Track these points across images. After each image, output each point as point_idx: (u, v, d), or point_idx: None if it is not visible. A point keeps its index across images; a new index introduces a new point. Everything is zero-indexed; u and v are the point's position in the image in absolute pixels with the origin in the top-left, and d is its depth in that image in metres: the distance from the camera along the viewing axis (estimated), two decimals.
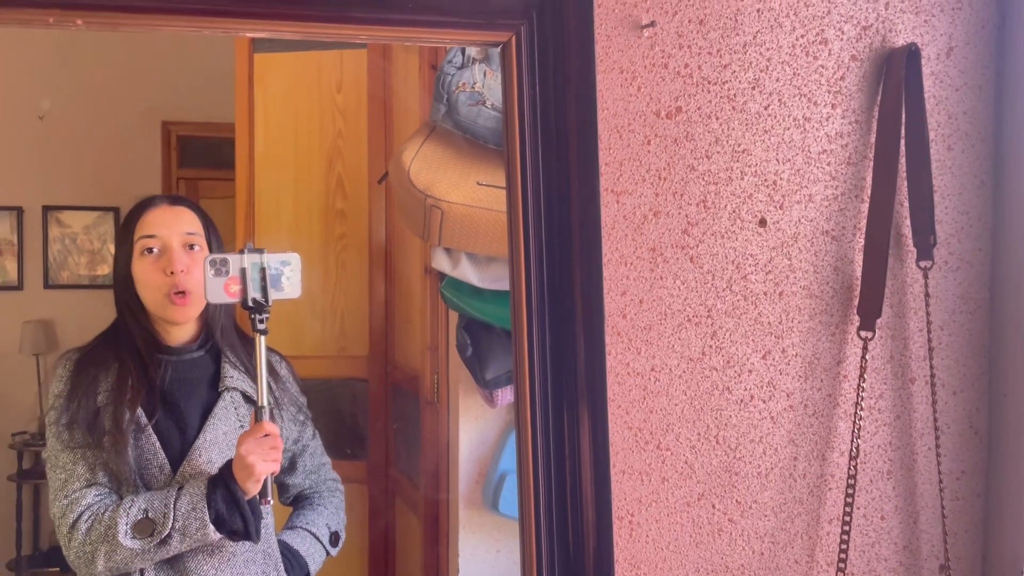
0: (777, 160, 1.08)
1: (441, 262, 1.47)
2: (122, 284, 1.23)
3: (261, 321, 1.10)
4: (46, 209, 3.50)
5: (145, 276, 1.19)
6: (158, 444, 1.15)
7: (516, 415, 0.98)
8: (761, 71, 1.07)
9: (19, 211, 3.49)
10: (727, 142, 1.07)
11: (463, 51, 1.46)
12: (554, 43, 0.94)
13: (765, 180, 1.08)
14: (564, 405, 0.97)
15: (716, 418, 1.08)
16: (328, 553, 1.40)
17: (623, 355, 1.06)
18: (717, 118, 1.06)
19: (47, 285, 3.63)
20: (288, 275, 1.13)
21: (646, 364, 1.06)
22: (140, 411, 1.16)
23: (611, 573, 0.97)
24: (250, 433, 1.10)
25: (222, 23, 0.86)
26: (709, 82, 1.06)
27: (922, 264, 1.12)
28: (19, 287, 3.61)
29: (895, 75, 1.09)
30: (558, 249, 0.96)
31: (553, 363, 0.97)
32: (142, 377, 1.18)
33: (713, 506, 1.09)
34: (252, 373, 1.20)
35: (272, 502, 1.17)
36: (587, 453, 0.97)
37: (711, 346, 1.08)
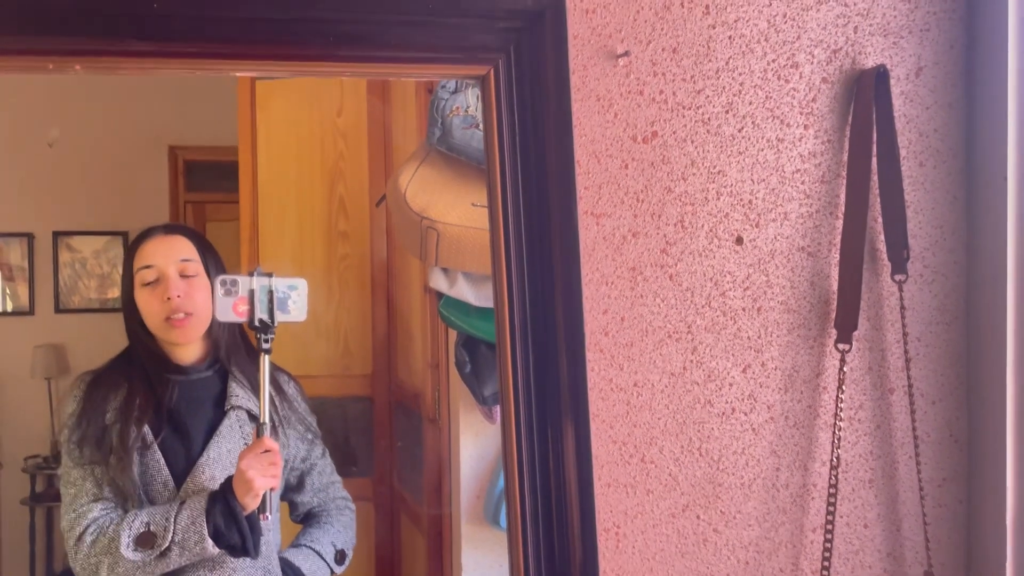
0: (752, 180, 1.12)
1: (438, 282, 1.51)
2: (128, 311, 1.30)
3: (266, 341, 1.16)
4: (56, 235, 3.57)
5: (145, 304, 1.25)
6: (163, 461, 1.20)
7: (502, 433, 1.02)
8: (734, 95, 1.11)
9: (30, 237, 3.55)
10: (703, 164, 1.11)
11: None
12: (531, 74, 0.99)
13: (741, 200, 1.12)
14: (548, 421, 1.00)
15: (699, 431, 1.12)
16: (332, 571, 1.43)
17: (606, 371, 1.09)
18: (692, 141, 1.10)
19: (58, 310, 3.69)
20: (295, 299, 1.18)
21: (629, 380, 1.10)
22: (147, 429, 1.21)
23: None
24: (250, 449, 1.15)
25: (215, 65, 0.90)
26: (684, 107, 1.10)
27: (897, 277, 1.15)
28: (30, 312, 3.66)
29: (865, 95, 1.13)
30: (539, 270, 1.00)
31: (537, 380, 1.00)
32: (150, 396, 1.24)
33: (698, 517, 1.12)
34: (257, 391, 1.25)
35: (271, 519, 1.21)
36: (571, 467, 1.00)
37: (692, 361, 1.11)
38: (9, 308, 3.58)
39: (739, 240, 1.12)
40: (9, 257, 3.51)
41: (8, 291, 3.53)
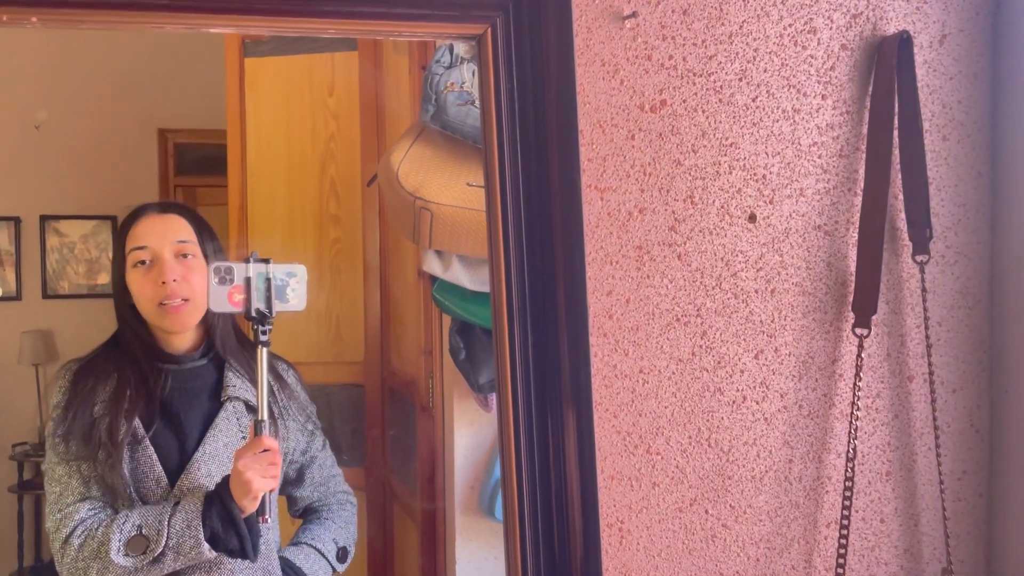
0: (766, 153, 1.05)
1: (432, 265, 1.44)
2: (119, 295, 1.21)
3: (264, 333, 1.08)
4: (43, 219, 3.49)
5: (138, 288, 1.17)
6: (155, 457, 1.13)
7: (499, 420, 0.95)
8: (748, 62, 1.04)
9: (16, 221, 3.47)
10: (714, 136, 1.04)
11: (451, 50, 1.44)
12: (532, 35, 0.91)
13: (754, 174, 1.05)
14: (548, 409, 0.94)
15: (708, 420, 1.05)
16: (334, 569, 1.36)
17: (610, 357, 1.03)
18: (703, 111, 1.03)
19: (45, 295, 3.62)
20: (294, 287, 1.11)
21: (634, 366, 1.03)
22: (138, 422, 1.14)
23: None
24: (248, 448, 1.07)
25: (187, 19, 0.83)
26: (694, 74, 1.03)
27: (918, 258, 1.09)
28: (17, 297, 3.59)
29: (887, 64, 1.06)
30: (539, 248, 0.93)
31: (536, 366, 0.93)
32: (141, 387, 1.16)
33: (706, 511, 1.06)
34: (255, 381, 1.18)
35: (271, 520, 1.13)
36: (573, 459, 0.94)
37: (701, 346, 1.05)
38: None
39: (752, 217, 1.05)
40: None
41: None
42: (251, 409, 1.21)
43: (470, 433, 1.53)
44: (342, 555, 1.39)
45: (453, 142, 1.42)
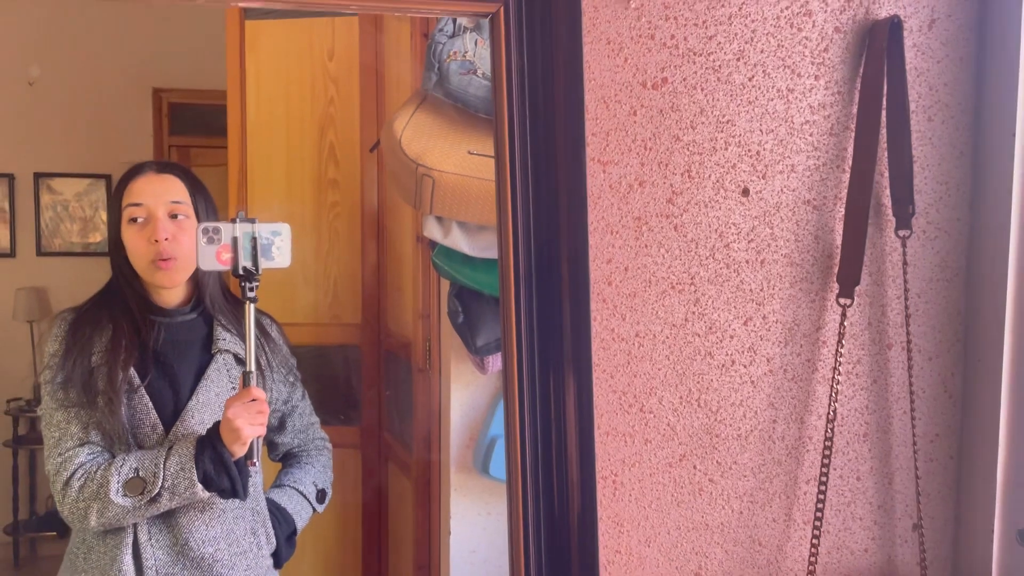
0: (761, 131, 1.10)
1: (432, 230, 1.49)
2: (114, 248, 1.26)
3: (251, 289, 1.13)
4: (37, 176, 3.49)
5: (132, 244, 1.22)
6: (151, 404, 1.18)
7: (504, 380, 1.01)
8: (746, 42, 1.09)
9: (10, 178, 3.47)
10: (712, 113, 1.09)
11: (454, 20, 1.47)
12: (542, 14, 0.96)
13: (748, 150, 1.10)
14: (550, 369, 1.00)
15: (698, 382, 1.12)
16: (315, 510, 1.45)
17: (608, 321, 1.09)
18: (702, 89, 1.08)
19: (40, 252, 3.63)
20: (279, 245, 1.15)
21: (630, 330, 1.09)
22: (133, 372, 1.19)
23: (595, 531, 1.01)
24: (237, 397, 1.13)
25: None
26: (695, 53, 1.08)
27: (900, 233, 1.15)
28: (11, 255, 3.61)
29: (877, 47, 1.11)
30: (545, 217, 0.98)
31: (540, 329, 0.99)
32: (135, 338, 1.21)
33: (694, 467, 1.13)
34: (243, 336, 1.23)
35: (258, 463, 1.20)
36: (572, 416, 1.00)
37: (694, 312, 1.11)
38: None
39: (745, 191, 1.11)
40: None
41: None
42: (239, 361, 1.27)
43: (466, 394, 1.59)
44: (321, 496, 1.47)
45: (455, 110, 1.46)
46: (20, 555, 3.38)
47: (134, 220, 1.21)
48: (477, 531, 1.62)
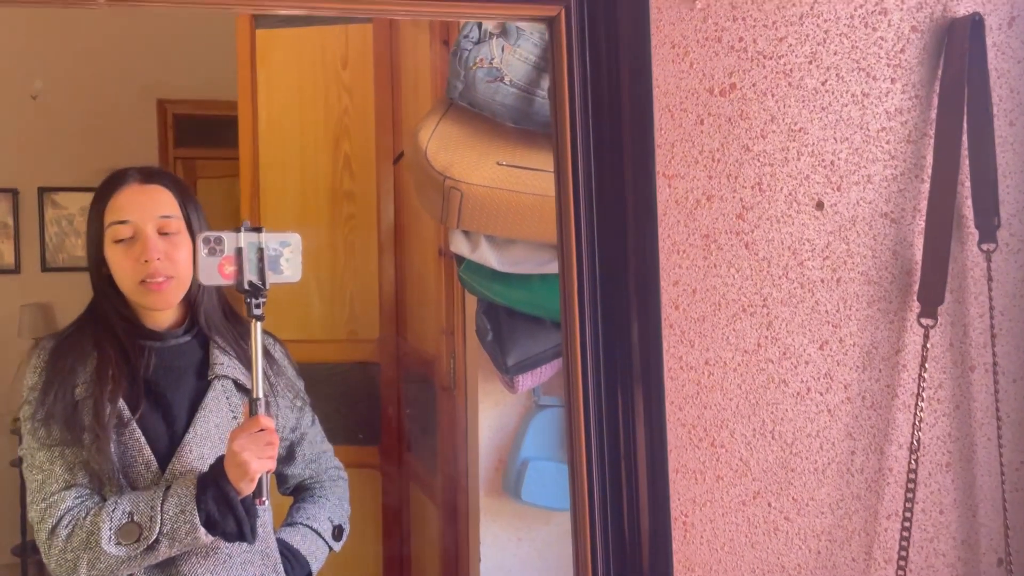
0: (835, 139, 1.02)
1: (460, 245, 1.41)
2: (95, 266, 1.13)
3: (258, 306, 1.02)
4: (41, 191, 3.42)
5: (118, 264, 1.09)
6: (143, 440, 1.06)
7: (568, 411, 0.93)
8: (818, 44, 1.01)
9: (15, 193, 3.39)
10: (783, 120, 1.01)
11: (479, 25, 1.39)
12: (606, 16, 0.88)
13: (822, 160, 1.02)
14: (619, 401, 0.91)
15: (772, 412, 1.03)
16: (331, 548, 1.33)
17: (676, 348, 1.00)
18: (773, 95, 1.00)
19: (44, 268, 3.55)
20: (288, 257, 1.04)
21: (700, 357, 1.01)
22: (122, 404, 1.07)
23: (669, 573, 0.93)
24: (244, 428, 1.01)
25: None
26: (764, 56, 0.99)
27: (984, 247, 1.06)
28: (16, 270, 3.53)
29: (957, 46, 1.03)
30: (611, 237, 0.90)
31: (607, 357, 0.91)
32: (123, 366, 1.09)
33: (769, 504, 1.04)
34: (243, 358, 1.12)
35: (267, 502, 1.08)
36: (642, 451, 0.92)
37: (767, 337, 1.02)
38: None
39: (819, 205, 1.02)
40: None
41: None
42: (240, 387, 1.15)
43: (495, 414, 1.51)
44: (337, 533, 1.35)
45: (481, 120, 1.38)
46: None
47: (120, 240, 1.09)
48: (508, 557, 1.54)
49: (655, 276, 0.90)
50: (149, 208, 1.09)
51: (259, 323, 1.01)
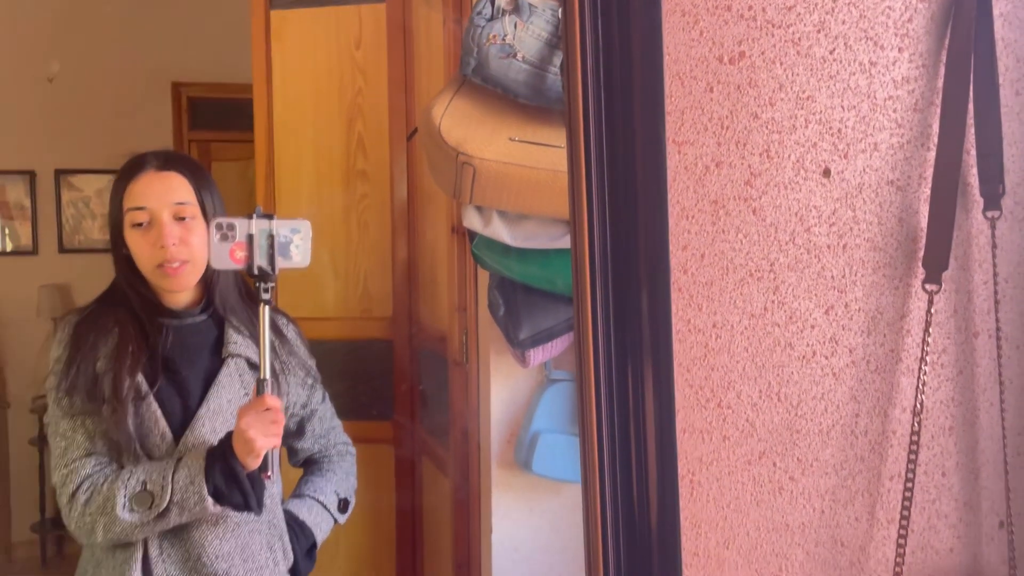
0: (842, 107, 1.04)
1: (472, 221, 1.43)
2: (116, 248, 1.18)
3: (266, 291, 1.06)
4: (58, 173, 3.46)
5: (136, 248, 1.14)
6: (159, 412, 1.11)
7: (578, 376, 0.95)
8: (827, 13, 1.03)
9: (31, 175, 3.43)
10: (791, 88, 1.03)
11: (492, 2, 1.41)
12: None
13: (830, 128, 1.04)
14: (628, 364, 0.94)
15: (778, 375, 1.06)
16: (336, 521, 1.37)
17: (684, 312, 1.03)
18: (781, 63, 1.02)
19: (62, 249, 3.60)
20: (297, 243, 1.08)
21: (707, 321, 1.03)
22: (140, 378, 1.12)
23: (676, 532, 0.95)
24: (251, 407, 1.06)
25: None
26: (773, 25, 1.01)
27: (989, 214, 1.08)
28: (34, 252, 3.58)
29: (965, 16, 1.04)
30: (622, 203, 0.92)
31: (616, 322, 0.94)
32: (142, 343, 1.14)
33: (774, 464, 1.07)
34: (257, 338, 1.16)
35: (273, 475, 1.12)
36: (651, 413, 0.94)
37: (773, 301, 1.05)
38: (9, 248, 3.49)
39: (826, 172, 1.04)
40: (9, 195, 3.39)
41: (8, 231, 3.43)
42: (252, 366, 1.20)
43: (506, 388, 1.54)
44: (343, 506, 1.39)
45: (494, 96, 1.40)
46: (47, 554, 3.36)
47: (138, 224, 1.14)
48: (520, 529, 1.57)
49: (664, 246, 0.93)
50: (165, 195, 1.14)
51: (267, 307, 1.05)
